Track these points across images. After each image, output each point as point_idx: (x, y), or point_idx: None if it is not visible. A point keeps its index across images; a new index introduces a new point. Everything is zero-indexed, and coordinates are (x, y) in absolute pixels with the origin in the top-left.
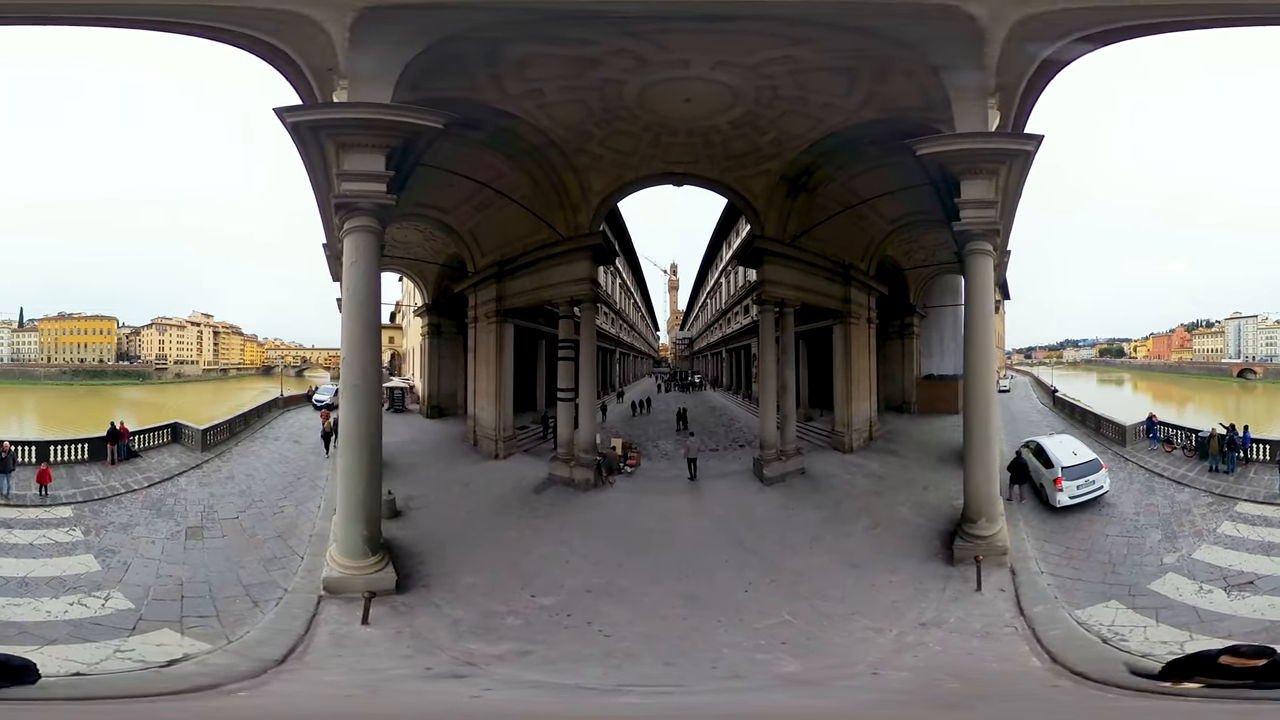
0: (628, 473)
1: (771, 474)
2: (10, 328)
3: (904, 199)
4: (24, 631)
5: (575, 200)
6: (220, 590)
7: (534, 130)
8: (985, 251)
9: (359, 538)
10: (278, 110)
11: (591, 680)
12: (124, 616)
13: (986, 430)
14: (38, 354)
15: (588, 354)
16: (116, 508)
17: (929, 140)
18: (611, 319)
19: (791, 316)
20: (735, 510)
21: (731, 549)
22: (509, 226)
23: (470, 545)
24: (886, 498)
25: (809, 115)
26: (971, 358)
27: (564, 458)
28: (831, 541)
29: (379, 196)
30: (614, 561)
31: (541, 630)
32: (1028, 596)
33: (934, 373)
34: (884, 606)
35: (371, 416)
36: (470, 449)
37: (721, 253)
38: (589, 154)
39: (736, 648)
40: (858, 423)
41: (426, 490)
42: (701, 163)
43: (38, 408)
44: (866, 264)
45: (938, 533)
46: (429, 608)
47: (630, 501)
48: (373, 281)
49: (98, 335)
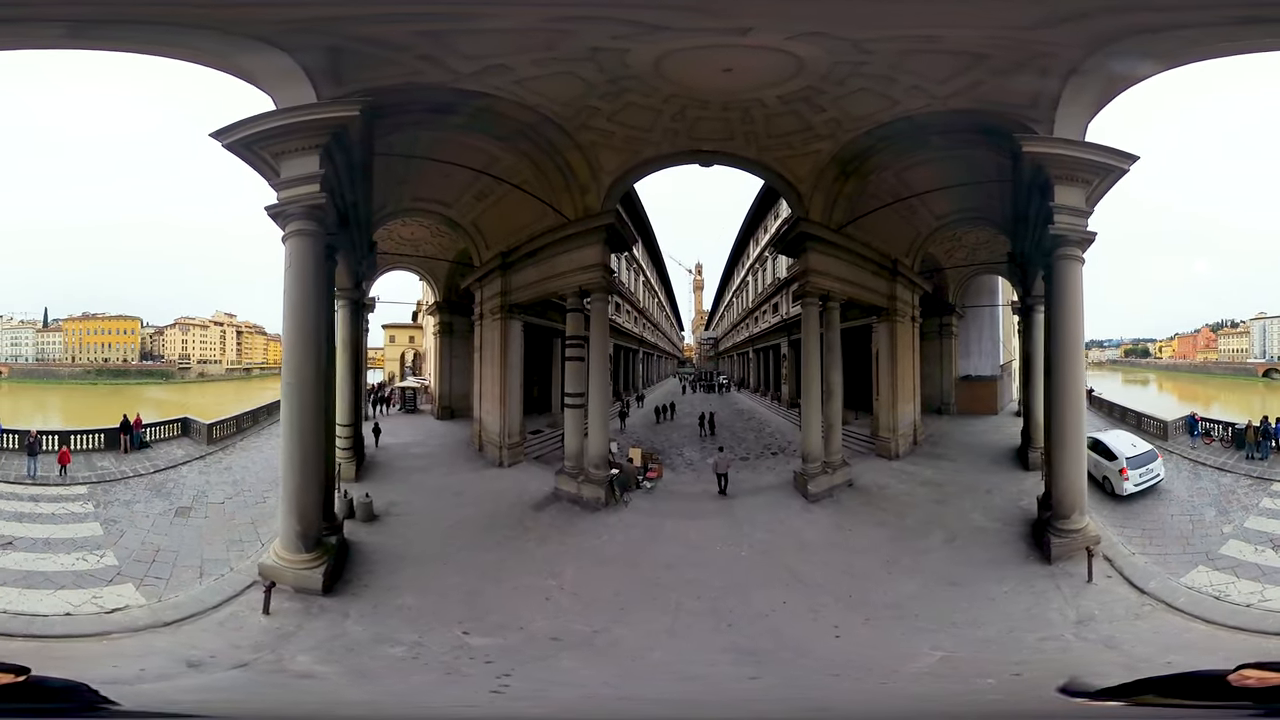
0: (646, 488)
1: (817, 490)
2: (35, 328)
3: (955, 194)
4: (47, 578)
5: (584, 181)
6: (182, 560)
7: (520, 108)
8: (1077, 258)
9: (293, 533)
10: (212, 135)
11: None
12: (109, 571)
13: (1078, 429)
14: (62, 354)
15: (599, 352)
16: (124, 488)
17: (1040, 140)
18: (634, 317)
19: (837, 312)
20: (780, 535)
21: (787, 585)
22: (513, 215)
23: (434, 562)
24: (952, 506)
25: (887, 96)
26: (1061, 359)
27: (571, 471)
28: (911, 562)
29: (310, 199)
30: (614, 602)
31: (414, 676)
32: (1137, 576)
33: (970, 373)
34: (1022, 616)
35: (307, 415)
36: (476, 454)
37: (748, 250)
38: (596, 130)
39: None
40: (903, 427)
41: (414, 496)
42: (736, 140)
43: (61, 406)
44: (911, 260)
45: (1017, 535)
46: (336, 617)
47: (647, 526)
48: (309, 286)
49: (121, 335)
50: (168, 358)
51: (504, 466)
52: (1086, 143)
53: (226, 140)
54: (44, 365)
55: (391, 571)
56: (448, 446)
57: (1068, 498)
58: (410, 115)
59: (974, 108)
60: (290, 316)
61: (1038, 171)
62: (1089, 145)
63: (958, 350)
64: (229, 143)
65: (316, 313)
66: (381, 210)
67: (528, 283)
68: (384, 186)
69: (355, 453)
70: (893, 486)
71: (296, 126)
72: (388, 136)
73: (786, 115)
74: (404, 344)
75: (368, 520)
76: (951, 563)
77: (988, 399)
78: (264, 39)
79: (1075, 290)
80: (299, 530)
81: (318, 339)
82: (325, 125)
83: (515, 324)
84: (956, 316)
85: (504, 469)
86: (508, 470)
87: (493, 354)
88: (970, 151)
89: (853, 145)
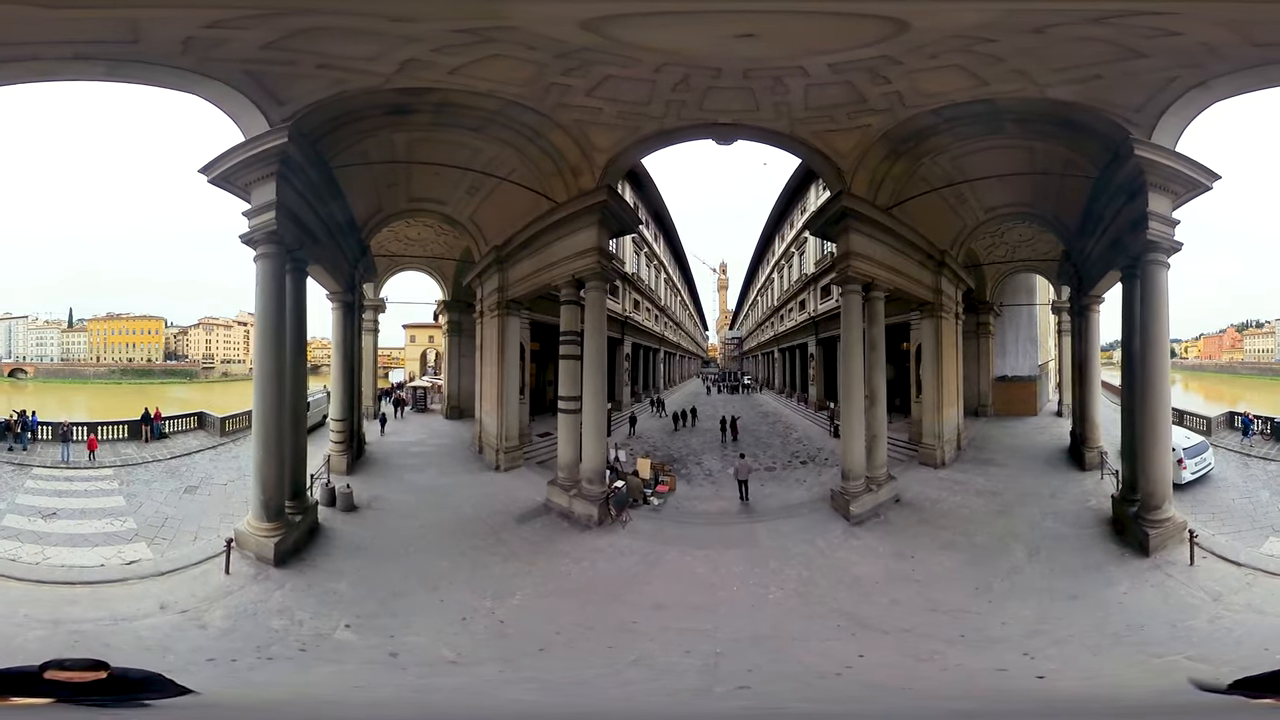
0: (654, 504)
1: (861, 510)
2: (59, 328)
3: (1008, 188)
4: (85, 539)
5: (575, 162)
6: (183, 527)
7: (477, 96)
8: (1164, 263)
9: (258, 501)
10: (199, 171)
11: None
12: (129, 533)
13: (1166, 425)
14: (87, 354)
15: (595, 349)
16: (144, 471)
17: (1153, 147)
18: (655, 315)
19: (881, 304)
20: (823, 570)
21: (850, 635)
22: (509, 207)
23: (386, 559)
24: (1018, 516)
25: (976, 75)
26: (1149, 358)
27: (564, 483)
28: (1006, 585)
29: (268, 225)
30: (549, 642)
31: (272, 648)
32: (1228, 552)
33: (1007, 374)
34: (1160, 608)
35: (269, 403)
36: (475, 456)
37: (774, 246)
38: (576, 108)
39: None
40: (948, 433)
41: (400, 493)
42: (763, 111)
43: (87, 404)
44: (957, 253)
45: (1100, 536)
46: (272, 586)
47: (644, 554)
48: (272, 300)
49: (146, 335)
50: (191, 357)
51: (500, 470)
52: (1188, 157)
53: (209, 176)
54: (69, 365)
55: (344, 559)
56: (448, 447)
57: (1158, 490)
58: (370, 121)
59: (1074, 100)
60: (258, 325)
61: (1136, 175)
62: (1189, 160)
63: (994, 350)
64: (211, 178)
65: (278, 322)
66: (377, 214)
67: (524, 276)
68: (374, 192)
69: (348, 446)
70: (946, 500)
71: (249, 160)
72: (358, 145)
73: (834, 86)
74: (424, 343)
75: (347, 510)
76: (1049, 576)
77: (1026, 400)
78: (196, 71)
79: (1162, 294)
80: (262, 500)
81: (279, 342)
82: (267, 155)
83: (513, 321)
84: (994, 315)
85: (499, 473)
86: (503, 474)
87: (491, 353)
88: (1038, 143)
89: (912, 123)
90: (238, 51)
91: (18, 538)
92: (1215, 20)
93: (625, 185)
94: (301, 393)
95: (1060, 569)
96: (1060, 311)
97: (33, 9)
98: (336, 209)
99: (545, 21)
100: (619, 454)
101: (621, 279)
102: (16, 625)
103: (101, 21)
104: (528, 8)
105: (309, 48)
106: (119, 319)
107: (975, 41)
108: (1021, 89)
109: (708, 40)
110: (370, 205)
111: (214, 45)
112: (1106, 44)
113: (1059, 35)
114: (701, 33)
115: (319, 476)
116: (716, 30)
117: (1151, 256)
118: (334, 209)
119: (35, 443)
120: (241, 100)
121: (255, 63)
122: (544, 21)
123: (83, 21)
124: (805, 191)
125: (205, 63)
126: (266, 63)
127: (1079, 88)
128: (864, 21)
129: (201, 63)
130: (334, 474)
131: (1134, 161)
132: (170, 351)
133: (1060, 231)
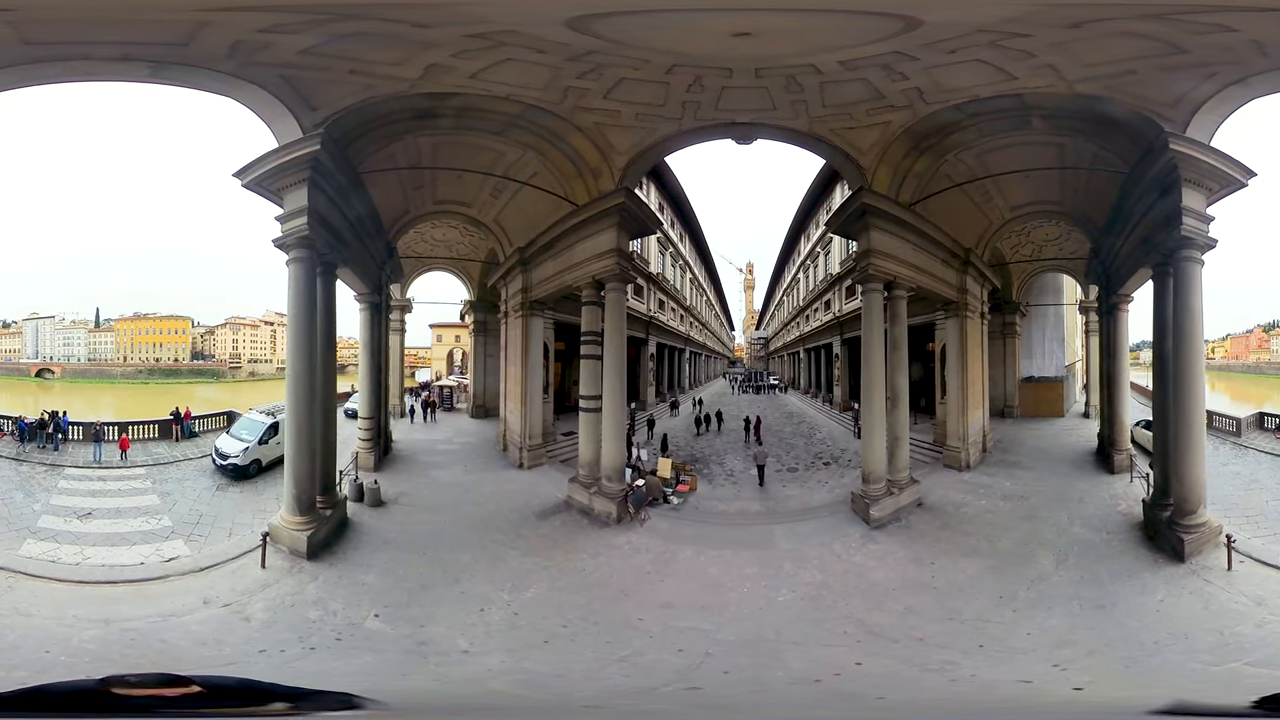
0: (674, 504)
1: (881, 514)
2: (86, 328)
3: (1033, 186)
4: (123, 537)
5: (594, 164)
6: (218, 524)
7: (497, 100)
8: (1199, 260)
9: (290, 495)
10: (234, 175)
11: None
12: (165, 531)
13: (1200, 428)
14: (114, 354)
15: (615, 349)
16: (176, 470)
17: (1190, 142)
18: (680, 315)
19: (904, 303)
20: (837, 575)
21: (856, 641)
22: (532, 208)
23: (412, 552)
24: (1045, 521)
25: (1001, 70)
26: (1183, 359)
27: (585, 481)
28: (1031, 594)
29: (300, 230)
30: (555, 634)
31: (313, 638)
32: (1266, 555)
33: (1034, 374)
34: (1202, 617)
35: (301, 400)
36: (500, 454)
37: (799, 247)
38: (595, 110)
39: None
40: (973, 434)
41: (425, 490)
42: (780, 110)
43: (115, 404)
44: (982, 251)
45: (1132, 542)
46: (306, 579)
47: (659, 552)
48: (303, 302)
49: (173, 335)
50: (218, 357)
51: (523, 468)
52: (1225, 153)
53: (244, 180)
54: (96, 365)
55: (372, 552)
56: (473, 445)
57: (1193, 494)
58: (397, 126)
59: (1104, 95)
60: (290, 326)
61: (1169, 171)
62: (1226, 156)
63: (1020, 350)
64: (245, 182)
65: (309, 323)
66: (404, 216)
67: (546, 277)
68: (402, 194)
69: (376, 444)
70: (970, 504)
71: (282, 166)
72: (385, 149)
73: (850, 82)
74: (451, 343)
75: (374, 505)
76: (1078, 584)
77: (1053, 401)
78: (236, 75)
79: (1197, 292)
80: (294, 493)
81: (310, 343)
82: (300, 161)
83: (537, 321)
84: (1020, 315)
85: (522, 470)
86: (526, 472)
87: (515, 353)
88: (1066, 139)
89: (934, 119)
90: (277, 56)
91: (56, 538)
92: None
93: (650, 187)
94: (331, 391)
95: (1090, 576)
96: (1087, 311)
97: (99, 9)
98: (364, 212)
99: (530, 21)
100: (640, 453)
101: (646, 279)
102: (68, 626)
103: (160, 23)
104: (510, 7)
105: (342, 53)
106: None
107: (1001, 36)
108: (1050, 84)
109: (705, 40)
110: (397, 208)
111: (258, 49)
112: (1146, 39)
113: (1096, 30)
114: (696, 32)
115: (347, 473)
116: (711, 29)
117: (1185, 253)
118: (362, 212)
119: (66, 443)
120: (276, 105)
121: (292, 68)
122: (529, 21)
123: (141, 23)
124: (830, 191)
125: (245, 67)
126: (302, 68)
127: (1111, 83)
128: (869, 19)
129: (242, 67)
130: (362, 470)
131: (1168, 157)
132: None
133: (1088, 229)
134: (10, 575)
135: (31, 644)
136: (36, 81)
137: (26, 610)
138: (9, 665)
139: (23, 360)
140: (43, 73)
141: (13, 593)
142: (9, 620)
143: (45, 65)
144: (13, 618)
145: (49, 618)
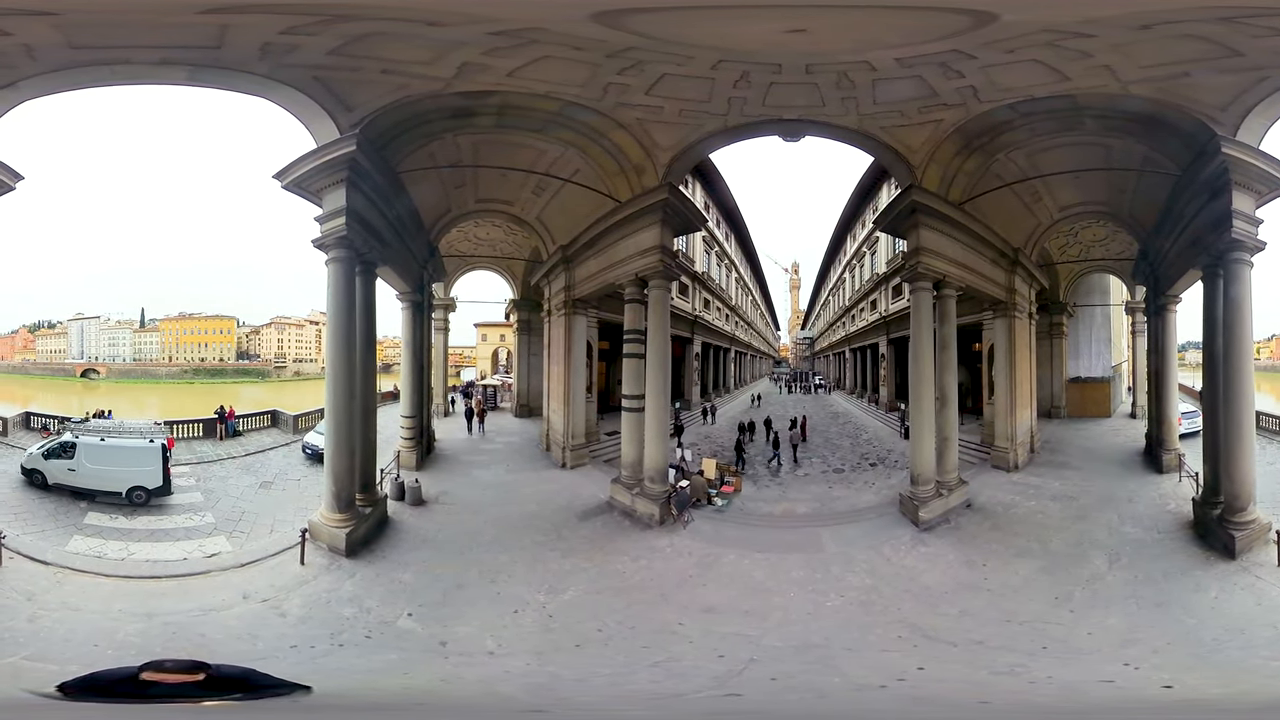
0: (718, 505)
1: (930, 515)
2: (131, 328)
3: (1083, 187)
4: (167, 534)
5: (637, 161)
6: (259, 520)
7: (536, 98)
8: (1248, 262)
9: (329, 493)
10: (274, 177)
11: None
12: (209, 527)
13: (1250, 426)
14: (159, 353)
15: (659, 348)
16: (220, 468)
17: (1242, 146)
18: (725, 314)
19: (953, 302)
20: (887, 578)
21: (914, 646)
22: (575, 206)
23: (450, 551)
24: (1096, 521)
25: (1056, 70)
26: (1233, 359)
27: (628, 482)
28: (1087, 594)
29: (339, 231)
30: (589, 638)
31: (343, 635)
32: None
33: (1081, 375)
34: (1257, 611)
35: (340, 398)
36: (542, 454)
37: (845, 246)
38: (638, 107)
39: None
40: (1021, 435)
41: (466, 489)
42: (830, 107)
43: (160, 404)
44: (1030, 251)
45: (1183, 540)
46: (343, 576)
47: (702, 555)
48: (342, 302)
49: (218, 335)
50: (263, 357)
51: (566, 468)
52: (1275, 157)
53: (284, 181)
54: (141, 365)
55: (410, 550)
56: (515, 445)
57: (1243, 492)
58: (435, 125)
59: (1158, 96)
60: (329, 326)
61: (1220, 174)
62: (1276, 160)
63: (1067, 350)
64: (285, 183)
65: (349, 322)
66: (446, 215)
67: (589, 275)
68: (444, 193)
69: (418, 443)
70: (1020, 505)
71: (320, 167)
72: (424, 148)
73: (903, 80)
74: (495, 342)
75: (415, 504)
76: (1132, 583)
77: (1100, 401)
78: (270, 77)
79: (1247, 294)
80: (334, 490)
81: (350, 342)
82: (337, 162)
83: (580, 320)
84: (1068, 315)
85: (565, 470)
86: (569, 472)
87: (558, 351)
88: (1115, 140)
89: (986, 117)
90: (307, 58)
91: (101, 534)
92: None
93: (695, 185)
94: (371, 390)
95: (1143, 575)
96: (1134, 312)
97: (135, 13)
98: (404, 212)
99: (548, 20)
100: (684, 453)
101: (691, 278)
102: (114, 620)
103: (190, 26)
104: (521, 6)
105: (369, 53)
106: (191, 319)
107: (1062, 36)
108: (1104, 85)
109: (755, 35)
110: (438, 207)
111: (286, 51)
112: (1205, 42)
113: (1163, 32)
114: (746, 28)
115: (389, 472)
116: (762, 24)
117: (1235, 255)
118: (401, 212)
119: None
120: (312, 106)
121: (323, 69)
122: (547, 20)
123: (173, 26)
124: (877, 191)
125: (278, 69)
126: (333, 69)
127: (1164, 85)
128: (940, 15)
129: (275, 69)
130: (403, 469)
131: (1219, 159)
132: (242, 351)
133: (1136, 231)
134: (59, 571)
135: (80, 638)
136: (83, 85)
137: (75, 605)
138: (62, 659)
139: (68, 360)
140: (89, 75)
141: (61, 587)
142: (59, 615)
143: (90, 69)
144: (62, 612)
145: (96, 611)
